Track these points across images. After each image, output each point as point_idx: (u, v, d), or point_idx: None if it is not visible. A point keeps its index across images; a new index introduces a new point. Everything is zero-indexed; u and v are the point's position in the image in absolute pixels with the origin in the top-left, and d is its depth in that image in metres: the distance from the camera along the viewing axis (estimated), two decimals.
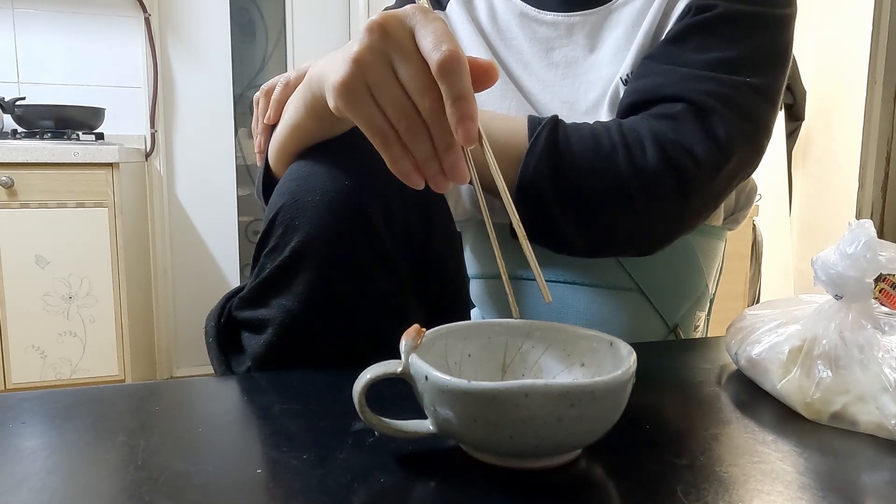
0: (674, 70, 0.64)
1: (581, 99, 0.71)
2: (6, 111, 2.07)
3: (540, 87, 0.73)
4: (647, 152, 0.58)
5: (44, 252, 1.90)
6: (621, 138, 0.59)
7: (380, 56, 0.41)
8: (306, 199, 0.54)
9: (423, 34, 0.41)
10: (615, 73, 0.70)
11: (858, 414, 0.42)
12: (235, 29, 2.51)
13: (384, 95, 0.41)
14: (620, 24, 0.71)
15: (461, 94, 0.39)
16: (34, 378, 1.94)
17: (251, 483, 0.35)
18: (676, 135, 0.59)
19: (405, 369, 0.37)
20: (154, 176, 2.42)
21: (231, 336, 0.59)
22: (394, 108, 0.41)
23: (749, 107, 0.63)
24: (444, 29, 0.41)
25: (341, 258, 0.54)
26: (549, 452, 0.36)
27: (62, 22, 2.31)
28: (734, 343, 0.52)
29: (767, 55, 0.66)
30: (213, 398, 0.50)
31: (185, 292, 2.52)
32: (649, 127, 0.60)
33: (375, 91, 0.41)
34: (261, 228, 0.57)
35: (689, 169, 0.59)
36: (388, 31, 0.41)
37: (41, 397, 0.47)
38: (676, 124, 0.60)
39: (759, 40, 0.65)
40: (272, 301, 0.55)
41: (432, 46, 0.40)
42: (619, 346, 0.40)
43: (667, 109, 0.61)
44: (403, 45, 0.41)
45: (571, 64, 0.73)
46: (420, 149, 0.42)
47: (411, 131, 0.41)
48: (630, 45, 0.70)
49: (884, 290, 0.47)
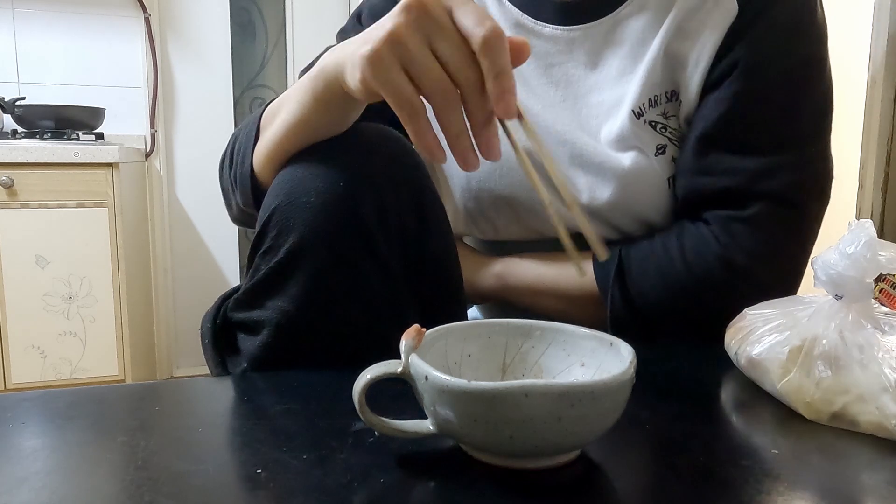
0: (741, 163, 0.63)
1: (584, 123, 0.69)
2: (6, 111, 2.07)
3: (540, 106, 0.71)
4: (717, 281, 0.60)
5: (44, 252, 1.90)
6: (689, 275, 0.62)
7: (418, 32, 0.42)
8: (301, 200, 0.54)
9: (463, 12, 0.42)
10: (620, 98, 0.67)
11: (858, 414, 0.42)
12: (235, 29, 2.51)
13: (421, 69, 0.42)
14: (625, 42, 0.68)
15: (503, 69, 0.41)
16: (34, 378, 1.94)
17: (251, 483, 0.35)
18: (752, 243, 0.61)
19: (405, 369, 0.37)
20: (154, 176, 2.42)
21: (227, 338, 0.59)
22: (431, 81, 0.42)
23: (822, 184, 0.63)
24: (480, 8, 0.42)
25: (336, 259, 0.54)
26: (549, 452, 0.36)
27: (62, 22, 2.31)
28: (734, 343, 0.52)
29: (823, 107, 0.65)
30: (213, 398, 0.50)
31: (185, 292, 2.52)
32: (719, 248, 0.62)
33: (410, 65, 0.42)
34: (255, 229, 0.57)
35: (764, 279, 0.60)
36: (428, 8, 0.42)
37: (41, 397, 0.47)
38: (753, 230, 0.62)
39: (814, 93, 0.64)
40: (267, 302, 0.55)
41: (475, 23, 0.41)
42: (619, 346, 0.40)
43: (742, 213, 0.62)
44: (443, 22, 0.42)
45: (571, 83, 0.70)
46: (455, 123, 0.43)
47: (449, 105, 0.42)
48: (636, 66, 0.67)
49: (884, 290, 0.47)
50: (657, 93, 0.66)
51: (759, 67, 0.63)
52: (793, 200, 0.62)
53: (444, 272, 0.62)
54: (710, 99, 0.65)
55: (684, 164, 0.66)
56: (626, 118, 0.66)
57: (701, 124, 0.65)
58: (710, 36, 0.64)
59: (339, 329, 0.55)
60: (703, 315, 0.61)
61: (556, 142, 0.69)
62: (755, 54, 0.63)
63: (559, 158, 0.69)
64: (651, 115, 0.67)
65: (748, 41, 0.63)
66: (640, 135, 0.66)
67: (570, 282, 0.69)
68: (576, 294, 0.68)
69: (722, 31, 0.64)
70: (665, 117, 0.67)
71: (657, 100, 0.67)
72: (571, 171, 0.68)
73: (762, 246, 0.61)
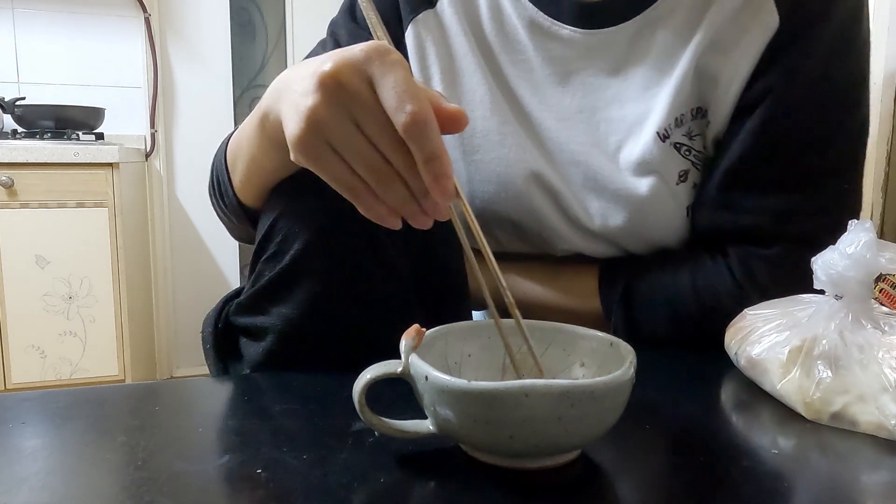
0: (767, 202, 0.60)
1: (601, 141, 0.64)
2: (6, 111, 2.07)
3: (554, 119, 0.65)
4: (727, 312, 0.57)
5: (44, 252, 1.90)
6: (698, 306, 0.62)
7: (338, 111, 0.38)
8: (307, 205, 0.53)
9: (383, 88, 0.37)
10: (643, 115, 0.62)
11: (858, 414, 0.42)
12: (235, 29, 2.51)
13: (349, 151, 0.39)
14: (652, 50, 0.62)
15: (432, 153, 0.37)
16: (34, 378, 1.94)
17: (251, 483, 0.35)
18: (768, 280, 0.60)
19: (405, 369, 0.37)
20: (154, 176, 2.42)
21: (228, 341, 0.58)
22: (362, 162, 0.39)
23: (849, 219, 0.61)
24: (405, 78, 0.37)
25: (342, 265, 0.53)
26: (549, 452, 0.36)
27: (62, 22, 2.31)
28: (734, 343, 0.52)
29: (860, 135, 0.61)
30: (213, 398, 0.50)
31: (184, 292, 2.52)
32: (732, 284, 0.61)
33: (338, 146, 0.39)
34: (257, 234, 0.56)
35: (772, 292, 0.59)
36: (345, 84, 0.38)
37: (41, 397, 0.47)
38: (771, 269, 0.60)
39: (851, 121, 0.60)
40: (271, 309, 0.54)
41: (396, 106, 0.36)
42: (619, 346, 0.40)
43: (763, 252, 0.61)
44: (363, 100, 0.38)
45: (590, 92, 0.64)
46: (395, 196, 0.40)
47: (385, 184, 0.39)
48: (663, 80, 0.61)
49: (884, 290, 0.47)
50: (683, 111, 0.61)
51: (795, 95, 0.59)
52: (818, 241, 0.57)
53: (450, 278, 0.61)
54: (740, 128, 0.60)
55: (707, 196, 0.63)
56: (651, 141, 0.61)
57: (727, 157, 0.61)
58: (747, 52, 0.59)
59: (345, 336, 0.54)
60: (706, 338, 0.59)
61: (569, 161, 0.65)
62: (791, 80, 0.58)
63: (571, 179, 0.65)
64: (676, 137, 0.62)
65: (785, 63, 0.58)
66: (664, 160, 0.62)
67: (571, 304, 0.68)
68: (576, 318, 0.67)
69: (759, 48, 0.58)
70: (690, 137, 0.62)
71: (683, 119, 0.62)
72: (583, 193, 0.65)
73: (778, 284, 0.58)
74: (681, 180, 0.63)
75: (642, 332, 0.64)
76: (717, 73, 0.60)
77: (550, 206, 0.66)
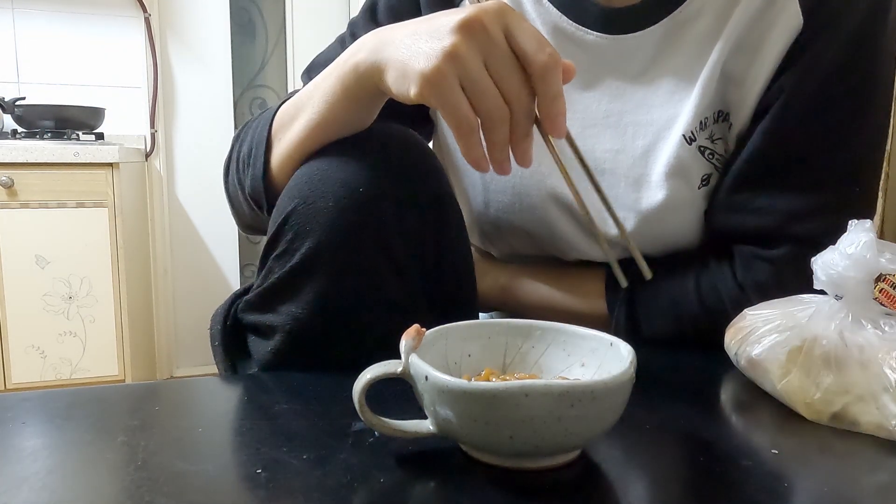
0: (775, 203, 0.60)
1: (628, 146, 0.64)
2: (6, 111, 2.06)
3: (579, 126, 0.65)
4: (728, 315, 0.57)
5: (44, 252, 1.90)
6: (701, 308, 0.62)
7: (476, 52, 0.43)
8: (319, 204, 0.52)
9: (522, 36, 0.44)
10: (671, 119, 0.62)
11: (859, 414, 0.42)
12: (235, 29, 2.51)
13: (479, 90, 0.43)
14: (678, 54, 0.61)
15: (558, 93, 0.44)
16: (34, 378, 1.94)
17: (251, 483, 0.35)
18: (768, 280, 0.60)
19: (405, 369, 0.37)
20: (154, 176, 2.42)
21: (237, 338, 0.58)
22: (486, 100, 0.44)
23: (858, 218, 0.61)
24: (535, 30, 0.44)
25: (353, 265, 0.52)
26: (549, 452, 0.36)
27: (62, 22, 2.31)
28: (734, 343, 0.52)
29: (876, 138, 0.60)
30: (213, 398, 0.50)
31: (185, 292, 2.52)
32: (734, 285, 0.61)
33: (467, 83, 0.43)
34: (268, 230, 0.55)
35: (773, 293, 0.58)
36: (488, 29, 0.43)
37: (41, 397, 0.47)
38: (773, 269, 0.60)
39: (868, 123, 0.59)
40: (280, 307, 0.54)
41: (536, 48, 0.43)
42: (619, 346, 0.40)
43: (767, 253, 0.61)
44: (501, 44, 0.44)
45: (616, 98, 0.64)
46: (500, 136, 0.45)
47: (500, 123, 0.44)
48: (690, 84, 0.61)
49: (884, 290, 0.47)
50: (707, 115, 0.61)
51: (805, 93, 0.58)
52: (823, 244, 0.58)
53: (459, 280, 0.61)
54: (755, 129, 0.60)
55: (718, 198, 0.63)
56: (678, 144, 0.61)
57: (740, 159, 0.61)
58: (770, 53, 0.58)
59: (353, 335, 0.54)
60: (708, 339, 0.59)
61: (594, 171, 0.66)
62: (803, 78, 0.58)
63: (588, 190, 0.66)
64: (701, 140, 0.62)
65: (800, 62, 0.58)
66: (690, 164, 0.62)
67: (576, 305, 0.68)
68: (582, 318, 0.67)
69: (783, 49, 0.58)
70: (712, 141, 0.62)
71: (706, 122, 0.61)
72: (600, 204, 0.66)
73: (780, 285, 0.58)
74: (703, 184, 0.63)
75: (643, 332, 0.64)
76: (742, 75, 0.60)
77: (565, 219, 0.67)
